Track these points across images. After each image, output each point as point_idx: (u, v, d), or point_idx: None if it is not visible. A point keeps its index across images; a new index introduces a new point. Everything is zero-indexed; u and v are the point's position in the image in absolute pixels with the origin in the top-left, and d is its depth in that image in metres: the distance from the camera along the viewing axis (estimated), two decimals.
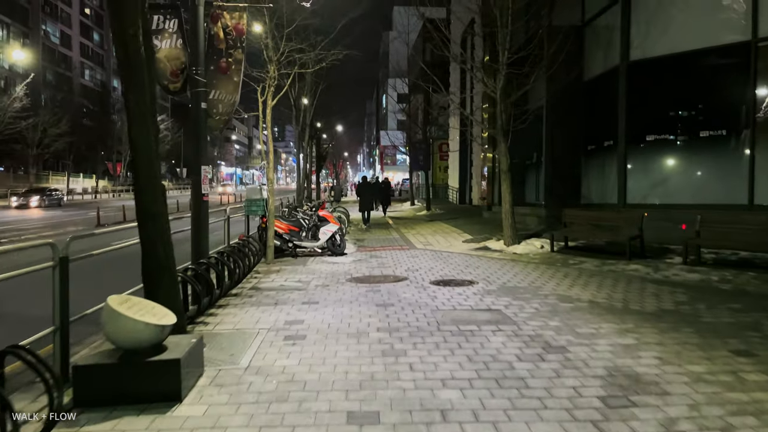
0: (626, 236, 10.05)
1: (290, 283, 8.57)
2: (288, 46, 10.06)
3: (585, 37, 14.14)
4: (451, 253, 11.45)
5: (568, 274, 8.88)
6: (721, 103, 10.96)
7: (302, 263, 10.62)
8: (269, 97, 10.62)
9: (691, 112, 11.56)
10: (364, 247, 13.13)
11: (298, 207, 12.84)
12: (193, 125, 7.06)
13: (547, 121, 14.67)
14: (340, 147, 67.75)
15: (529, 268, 9.53)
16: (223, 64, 7.22)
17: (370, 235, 16.03)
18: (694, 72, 11.37)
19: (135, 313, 4.07)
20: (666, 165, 11.99)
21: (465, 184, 30.53)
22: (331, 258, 11.19)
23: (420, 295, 7.46)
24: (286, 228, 11.39)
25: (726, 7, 10.74)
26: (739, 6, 10.48)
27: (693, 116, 11.49)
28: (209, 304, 6.48)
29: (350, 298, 7.38)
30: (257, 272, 9.59)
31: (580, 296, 7.24)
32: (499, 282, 8.31)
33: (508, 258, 10.66)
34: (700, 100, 11.42)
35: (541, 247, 11.30)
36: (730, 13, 10.68)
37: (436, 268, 9.75)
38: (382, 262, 10.52)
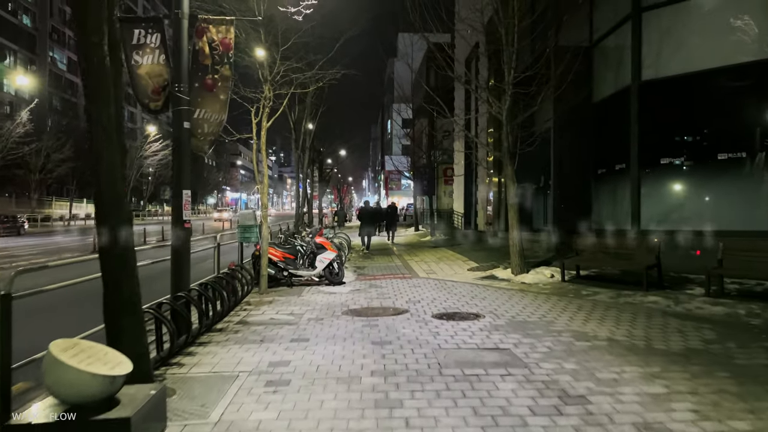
0: (642, 265, 9.40)
1: (281, 316, 7.94)
2: (284, 65, 9.59)
3: (594, 58, 13.67)
4: (455, 283, 10.81)
5: (581, 306, 8.22)
6: (740, 124, 10.39)
7: (297, 293, 10.00)
8: (264, 119, 10.13)
9: (708, 133, 10.99)
10: (364, 276, 12.50)
11: (296, 233, 12.25)
12: (174, 146, 6.53)
13: (555, 144, 14.13)
14: (344, 172, 67.55)
15: (539, 299, 8.88)
16: (208, 81, 6.72)
17: (372, 263, 15.40)
18: (711, 92, 10.84)
19: (81, 361, 3.47)
20: (682, 189, 11.39)
21: (470, 209, 29.90)
22: (328, 288, 10.57)
23: (421, 331, 6.81)
24: (281, 256, 10.79)
25: (742, 24, 10.24)
26: (756, 23, 9.98)
27: (710, 138, 10.91)
28: (186, 342, 5.87)
29: (344, 334, 6.75)
30: (248, 303, 8.97)
31: (597, 333, 6.58)
32: (508, 316, 7.66)
33: (516, 288, 10.01)
34: (718, 121, 10.86)
35: (551, 277, 10.64)
36: (746, 31, 10.18)
37: (439, 299, 9.11)
38: (382, 293, 9.88)
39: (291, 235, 12.12)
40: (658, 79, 11.42)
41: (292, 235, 12.16)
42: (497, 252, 15.30)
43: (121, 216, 4.37)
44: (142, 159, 61.80)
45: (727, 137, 10.55)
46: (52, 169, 45.22)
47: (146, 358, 4.49)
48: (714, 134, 10.88)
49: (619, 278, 10.40)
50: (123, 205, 4.38)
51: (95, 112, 4.29)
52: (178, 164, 6.51)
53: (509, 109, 10.68)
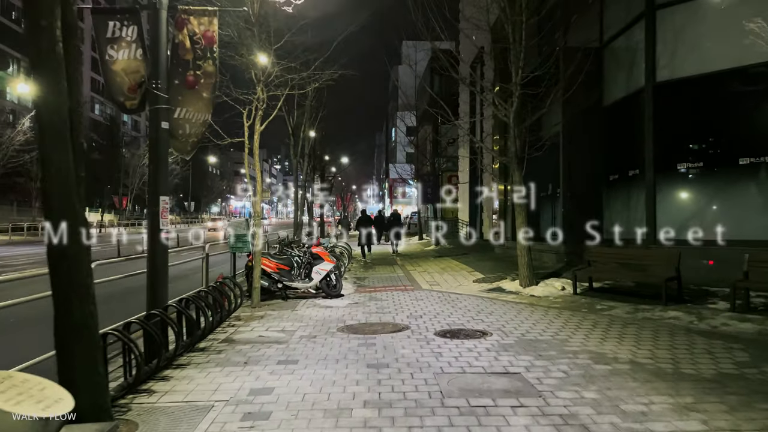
0: (661, 277, 8.75)
1: (271, 333, 7.33)
2: (278, 66, 9.04)
3: (604, 59, 13.08)
4: (460, 296, 10.18)
5: (597, 323, 7.58)
6: (763, 126, 9.76)
7: (291, 307, 9.39)
8: (257, 122, 9.58)
9: (728, 137, 10.35)
10: (364, 287, 11.88)
11: (293, 242, 11.66)
12: (151, 147, 5.96)
13: (564, 150, 13.52)
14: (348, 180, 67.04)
15: (550, 314, 8.23)
16: (190, 77, 6.16)
17: (372, 273, 14.78)
18: (730, 93, 10.22)
19: (9, 399, 2.88)
20: (700, 196, 10.76)
21: (475, 217, 29.27)
22: (325, 300, 9.95)
23: (422, 351, 6.19)
24: (275, 267, 10.20)
25: (764, 21, 9.63)
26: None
27: (730, 142, 10.28)
28: (158, 366, 5.26)
29: (338, 354, 6.13)
30: (238, 318, 8.37)
31: (618, 354, 5.94)
32: (517, 333, 7.03)
33: (525, 302, 9.37)
34: (738, 124, 10.24)
35: (562, 289, 10.00)
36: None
37: (443, 313, 8.49)
38: (381, 306, 9.27)
39: (287, 245, 11.54)
40: (673, 81, 10.82)
41: (289, 244, 11.58)
42: (504, 262, 14.67)
43: (74, 222, 3.79)
44: (144, 167, 61.35)
45: (748, 141, 9.92)
46: None
47: (103, 389, 3.90)
48: (734, 138, 10.25)
49: (634, 291, 9.75)
50: (75, 210, 3.80)
51: (44, 106, 3.73)
52: (155, 168, 5.94)
53: (517, 112, 10.08)
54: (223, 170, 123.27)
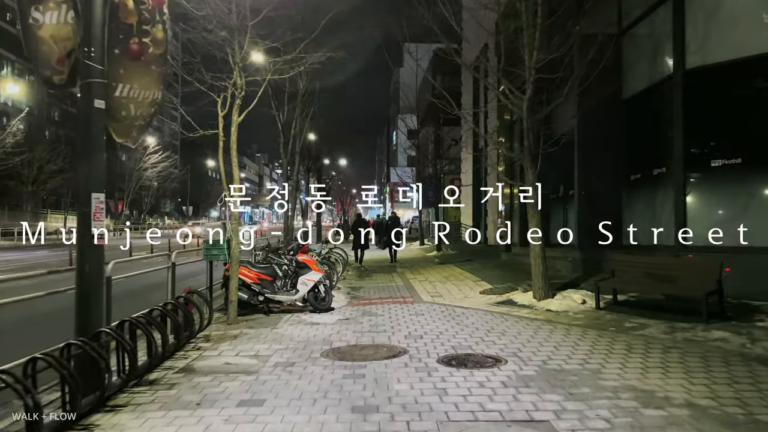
0: (701, 291, 7.51)
1: (241, 359, 6.11)
2: (257, 44, 7.85)
3: (623, 47, 11.88)
4: (466, 310, 8.94)
5: (631, 346, 6.34)
6: None
7: (272, 324, 8.17)
8: (235, 112, 8.38)
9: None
10: (358, 299, 10.66)
11: (279, 249, 10.44)
12: (80, 132, 4.76)
13: (579, 147, 12.30)
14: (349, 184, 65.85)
15: (573, 334, 7.00)
16: (134, 46, 4.96)
17: (369, 282, 13.56)
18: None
19: None
20: (738, 196, 9.52)
21: (479, 221, 28.04)
22: (311, 316, 8.73)
23: (422, 387, 4.97)
24: (255, 277, 8.98)
25: None
26: None
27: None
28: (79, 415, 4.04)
29: (316, 391, 4.91)
30: (207, 339, 7.16)
31: (668, 392, 4.71)
32: (537, 360, 5.81)
33: (541, 317, 8.14)
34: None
35: (583, 302, 8.77)
36: None
37: (447, 333, 7.26)
38: (376, 323, 8.04)
39: (274, 251, 10.34)
40: (705, 67, 9.60)
41: (276, 251, 10.37)
42: (512, 270, 13.43)
43: None
44: (141, 171, 60.35)
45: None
46: (45, 181, 43.65)
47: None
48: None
49: (665, 305, 8.50)
50: None
51: None
52: (86, 157, 4.73)
53: (530, 101, 8.87)
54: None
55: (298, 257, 9.31)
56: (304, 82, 14.40)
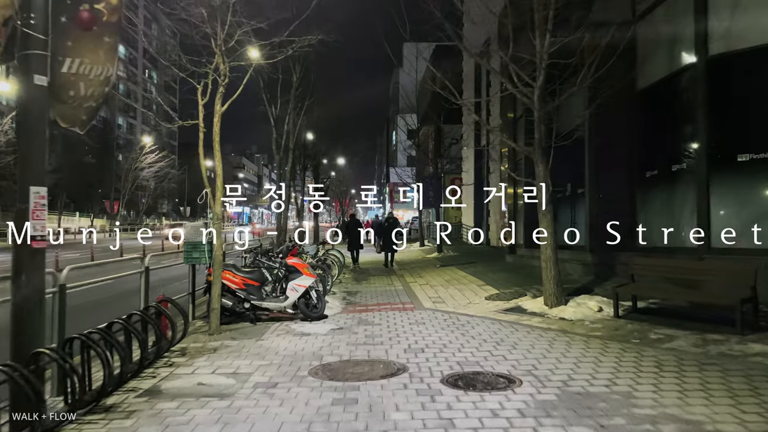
0: (734, 298, 6.74)
1: (217, 378, 5.34)
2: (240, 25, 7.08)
3: (637, 35, 11.09)
4: (472, 318, 8.17)
5: (661, 362, 5.57)
6: None
7: (258, 334, 7.40)
8: (218, 101, 7.62)
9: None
10: (354, 305, 9.90)
11: (270, 251, 9.66)
12: (19, 115, 4.00)
13: (590, 142, 11.53)
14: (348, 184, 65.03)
15: (593, 348, 6.23)
16: (84, 13, 4.20)
17: (366, 286, 12.79)
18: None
19: None
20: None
21: (481, 222, 27.29)
22: (302, 325, 7.95)
23: (424, 417, 4.20)
24: (241, 282, 8.21)
25: None
26: None
27: None
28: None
29: (299, 421, 4.15)
30: (183, 353, 6.39)
31: (718, 424, 3.95)
32: (556, 380, 5.04)
33: (555, 327, 7.36)
34: None
35: (599, 310, 8.00)
36: None
37: (451, 346, 6.49)
38: (372, 333, 7.27)
39: (264, 254, 9.56)
40: (731, 54, 8.83)
41: (266, 253, 9.60)
42: (519, 274, 12.66)
43: None
44: (137, 171, 59.55)
45: None
46: None
47: None
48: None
49: (690, 313, 7.73)
50: None
51: None
52: (25, 144, 3.97)
53: (542, 89, 8.10)
54: None
55: (288, 260, 8.53)
56: (297, 73, 13.64)
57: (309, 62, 13.82)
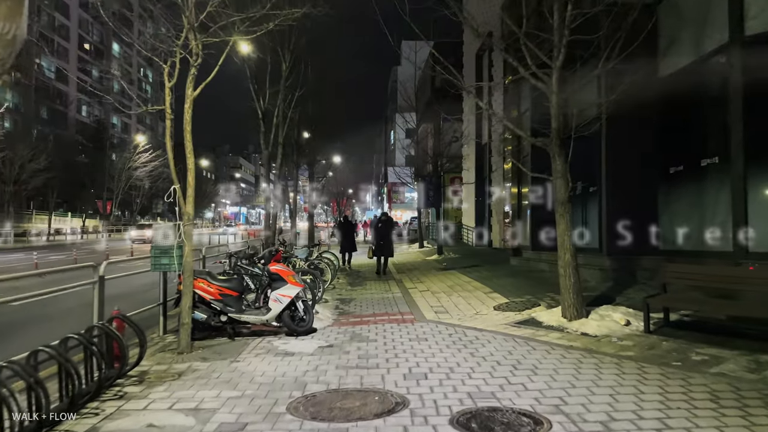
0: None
1: (173, 416, 4.33)
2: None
3: (659, 18, 10.12)
4: (480, 333, 7.15)
5: (716, 394, 4.57)
6: None
7: (234, 353, 6.39)
8: (190, 84, 6.62)
9: None
10: (347, 315, 8.89)
11: (254, 255, 8.63)
12: None
13: (607, 135, 10.53)
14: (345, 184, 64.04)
15: (629, 373, 5.22)
16: None
17: (361, 292, 11.77)
18: None
19: None
20: None
21: (482, 222, 26.27)
22: (286, 341, 6.94)
23: None
24: (216, 292, 7.19)
25: None
26: None
27: None
28: None
29: None
30: (142, 378, 5.38)
31: None
32: (593, 420, 4.04)
33: (578, 345, 6.36)
34: None
35: (626, 324, 7.00)
36: None
37: (459, 370, 5.48)
38: (366, 353, 6.26)
39: (248, 258, 8.55)
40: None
41: (250, 257, 8.59)
42: (527, 279, 11.64)
43: None
44: (131, 171, 58.42)
45: None
46: (27, 180, 41.68)
47: None
48: None
49: (730, 328, 6.72)
50: None
51: None
52: None
53: (561, 71, 7.09)
54: (218, 174, 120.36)
55: (270, 267, 7.49)
56: (287, 62, 12.62)
57: (300, 49, 12.79)
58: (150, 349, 6.75)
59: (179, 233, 6.71)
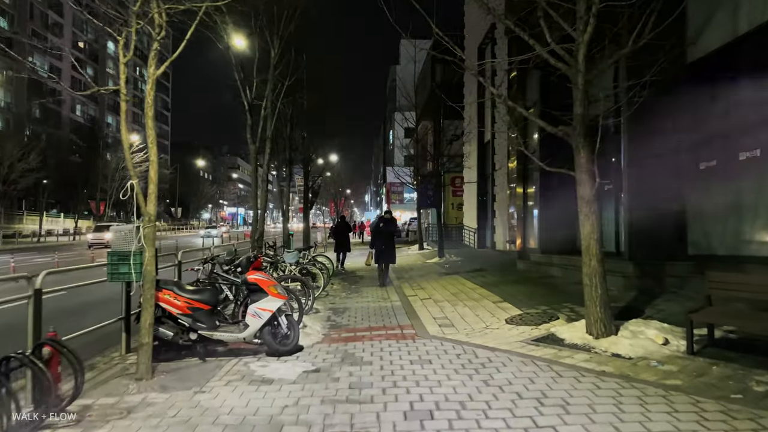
0: None
1: None
2: None
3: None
4: (493, 353, 6.12)
5: None
6: None
7: (201, 380, 5.36)
8: (152, 61, 5.61)
9: None
10: (339, 329, 7.86)
11: (232, 261, 7.60)
12: None
13: (630, 127, 9.51)
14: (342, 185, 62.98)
15: (682, 411, 4.20)
16: None
17: (356, 299, 10.74)
18: None
19: None
20: None
21: (485, 223, 25.29)
22: (266, 363, 5.92)
23: None
24: (184, 306, 6.16)
25: None
26: None
27: None
28: None
29: None
30: (80, 418, 4.36)
31: None
32: None
33: (611, 369, 5.34)
34: None
35: (664, 343, 5.98)
36: None
37: (472, 406, 4.46)
38: (359, 381, 5.23)
39: (229, 263, 7.53)
40: None
41: (231, 263, 7.57)
42: (539, 286, 10.61)
43: None
44: (124, 171, 57.29)
45: None
46: (17, 180, 40.59)
47: None
48: None
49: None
50: None
51: None
52: None
53: (588, 46, 6.08)
54: (216, 174, 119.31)
55: (248, 276, 6.44)
56: (276, 48, 11.57)
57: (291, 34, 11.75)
58: (105, 374, 5.77)
59: (139, 237, 5.67)
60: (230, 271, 7.29)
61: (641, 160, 9.38)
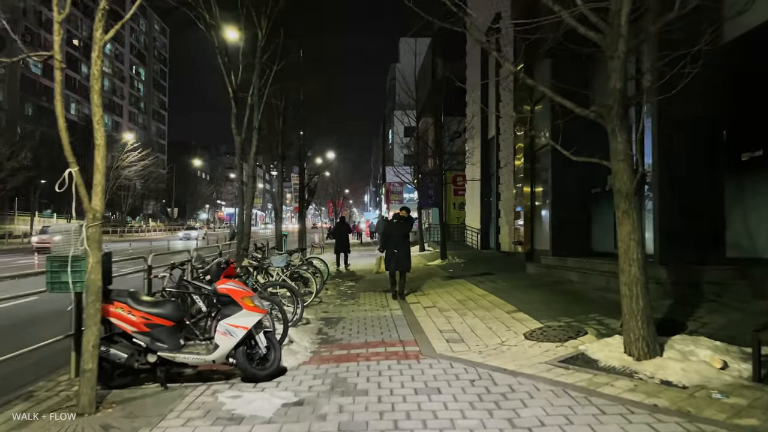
0: None
1: None
2: None
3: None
4: (516, 380, 5.05)
5: None
6: None
7: (156, 416, 4.31)
8: (99, 25, 4.57)
9: None
10: (331, 344, 6.81)
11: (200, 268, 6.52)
12: None
13: (660, 116, 8.45)
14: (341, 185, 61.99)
15: None
16: None
17: (352, 309, 9.68)
18: None
19: None
20: None
21: (489, 223, 24.23)
22: (239, 391, 4.86)
23: None
24: (141, 322, 5.10)
25: None
26: None
27: None
28: None
29: None
30: None
31: None
32: None
33: (665, 403, 4.28)
34: None
35: (722, 367, 4.93)
36: None
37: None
38: (351, 420, 4.17)
39: (202, 269, 6.49)
40: None
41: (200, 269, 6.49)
42: (555, 292, 9.55)
43: None
44: (118, 170, 56.30)
45: None
46: (5, 179, 39.48)
47: None
48: None
49: None
50: None
51: None
52: None
53: (628, 15, 5.03)
54: (213, 174, 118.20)
55: (218, 285, 5.38)
56: (263, 30, 10.50)
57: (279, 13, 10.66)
58: (43, 404, 4.72)
59: (81, 239, 4.62)
60: (199, 279, 6.23)
61: (674, 151, 8.33)
